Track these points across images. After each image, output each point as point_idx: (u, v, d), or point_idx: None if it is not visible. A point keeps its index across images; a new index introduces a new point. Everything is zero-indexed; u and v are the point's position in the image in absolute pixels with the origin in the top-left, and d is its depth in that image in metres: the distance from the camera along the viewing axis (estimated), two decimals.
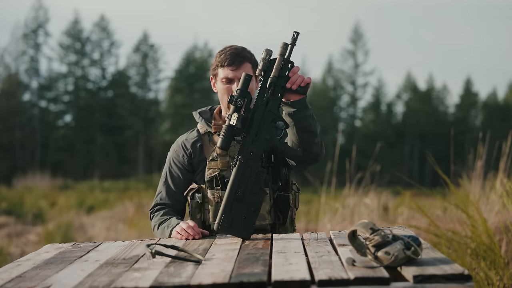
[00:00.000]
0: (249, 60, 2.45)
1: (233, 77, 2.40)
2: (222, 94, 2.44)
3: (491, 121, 39.99)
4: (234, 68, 2.40)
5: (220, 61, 2.42)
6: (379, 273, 1.46)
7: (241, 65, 2.41)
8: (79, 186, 21.22)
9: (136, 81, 40.26)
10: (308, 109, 2.24)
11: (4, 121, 34.22)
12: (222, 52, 2.45)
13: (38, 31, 38.23)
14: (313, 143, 2.28)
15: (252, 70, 2.44)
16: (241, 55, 2.42)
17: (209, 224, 2.40)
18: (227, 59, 2.41)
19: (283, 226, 2.42)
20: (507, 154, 4.87)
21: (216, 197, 2.36)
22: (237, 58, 2.41)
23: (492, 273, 3.38)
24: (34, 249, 5.66)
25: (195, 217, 2.42)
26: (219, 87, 2.45)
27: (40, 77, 38.29)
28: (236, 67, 2.40)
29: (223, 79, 2.42)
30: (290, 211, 2.43)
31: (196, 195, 2.42)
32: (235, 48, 2.45)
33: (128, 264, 1.74)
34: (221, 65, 2.42)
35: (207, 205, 2.40)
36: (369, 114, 43.09)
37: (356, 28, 41.68)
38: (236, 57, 2.41)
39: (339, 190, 6.81)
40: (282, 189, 2.41)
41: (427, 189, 4.67)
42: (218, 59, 2.44)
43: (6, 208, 12.18)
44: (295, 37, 2.16)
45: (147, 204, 11.76)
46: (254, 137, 2.15)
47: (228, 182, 2.21)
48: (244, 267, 1.59)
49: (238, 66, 2.40)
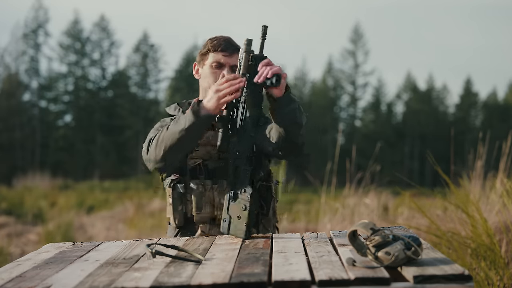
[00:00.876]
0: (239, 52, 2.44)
1: (224, 62, 2.39)
2: (207, 78, 2.41)
3: (491, 121, 40.00)
4: (227, 54, 2.39)
5: (213, 46, 2.41)
6: (380, 273, 1.46)
7: (233, 53, 2.40)
8: (79, 186, 21.23)
9: (136, 81, 40.30)
10: (292, 102, 2.15)
11: (4, 121, 34.24)
12: (214, 38, 2.44)
13: (38, 31, 38.26)
14: (298, 134, 2.22)
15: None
16: (233, 44, 2.43)
17: (191, 215, 2.37)
18: (221, 44, 2.40)
19: (266, 217, 2.40)
20: (507, 154, 4.87)
21: (200, 186, 2.35)
22: (231, 46, 2.41)
23: (492, 273, 3.38)
24: (34, 249, 5.66)
25: (177, 208, 2.38)
26: (205, 72, 2.42)
27: (40, 77, 38.33)
28: (229, 54, 2.39)
29: (213, 63, 2.40)
30: (273, 201, 2.43)
31: (178, 185, 2.38)
32: (227, 37, 2.46)
33: (128, 264, 1.74)
34: (214, 50, 2.41)
35: (189, 196, 2.37)
36: (369, 114, 43.12)
37: (356, 28, 41.71)
38: (229, 45, 2.41)
39: (339, 190, 6.81)
40: (264, 179, 2.40)
41: (427, 189, 4.67)
42: (210, 44, 2.42)
43: (6, 208, 12.18)
44: (264, 31, 2.13)
45: (147, 204, 11.78)
46: (238, 136, 2.13)
47: (211, 171, 2.23)
48: (244, 267, 1.59)
49: (230, 53, 2.40)
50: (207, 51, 2.43)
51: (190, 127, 2.15)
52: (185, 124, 2.15)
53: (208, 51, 2.43)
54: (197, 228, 2.39)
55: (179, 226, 2.41)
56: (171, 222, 2.43)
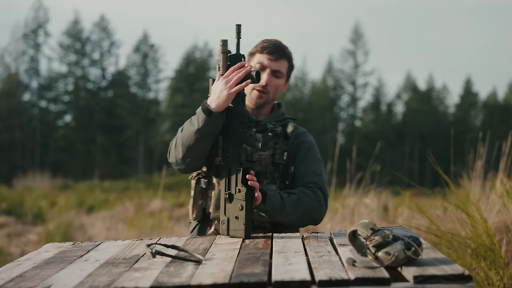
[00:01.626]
0: (288, 59, 2.45)
1: (267, 65, 2.40)
2: None
3: (491, 121, 40.01)
4: (272, 58, 2.40)
5: (262, 47, 2.42)
6: (380, 273, 1.46)
7: (280, 58, 2.41)
8: (79, 186, 21.21)
9: (136, 81, 40.28)
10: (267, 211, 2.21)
11: (4, 121, 34.23)
12: (265, 40, 2.45)
13: (38, 31, 38.25)
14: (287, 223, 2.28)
15: (287, 69, 2.46)
16: (283, 50, 2.43)
17: (209, 212, 2.37)
18: (268, 47, 2.41)
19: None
20: (507, 154, 4.87)
21: (220, 184, 2.33)
22: (279, 50, 2.41)
23: (492, 273, 3.38)
24: (34, 249, 5.66)
25: (197, 202, 2.38)
26: None
27: (40, 77, 38.32)
28: (275, 58, 2.40)
29: (257, 64, 2.41)
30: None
31: (202, 180, 2.38)
32: (278, 41, 2.46)
33: (129, 264, 1.74)
34: (260, 51, 2.41)
35: (210, 192, 2.37)
36: (369, 114, 43.11)
37: (356, 28, 41.70)
38: (278, 49, 2.41)
39: (339, 190, 6.80)
40: (289, 188, 2.38)
41: (427, 189, 4.66)
42: (260, 45, 2.43)
43: (6, 208, 12.17)
44: (238, 30, 2.11)
45: (147, 204, 11.77)
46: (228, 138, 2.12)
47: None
48: (244, 267, 1.59)
49: (276, 58, 2.40)
50: (255, 52, 2.44)
51: (203, 126, 2.13)
52: (198, 124, 2.14)
53: (255, 52, 2.44)
54: (211, 225, 2.38)
55: (196, 220, 2.41)
56: (189, 215, 2.42)
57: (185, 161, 2.24)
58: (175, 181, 20.57)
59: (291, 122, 2.50)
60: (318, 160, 2.43)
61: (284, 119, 2.49)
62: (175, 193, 15.94)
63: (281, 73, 2.44)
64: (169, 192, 16.27)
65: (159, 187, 9.71)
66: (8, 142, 34.07)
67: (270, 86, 2.42)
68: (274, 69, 2.41)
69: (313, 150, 2.44)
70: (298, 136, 2.45)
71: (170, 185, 17.82)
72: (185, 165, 2.26)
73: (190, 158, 2.23)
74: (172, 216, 9.61)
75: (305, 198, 2.27)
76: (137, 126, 37.82)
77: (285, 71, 2.45)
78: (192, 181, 2.41)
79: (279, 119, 2.48)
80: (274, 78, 2.43)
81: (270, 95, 2.43)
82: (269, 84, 2.41)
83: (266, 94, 2.42)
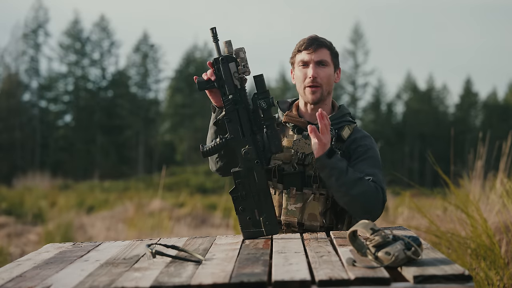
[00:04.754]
0: (328, 47, 2.40)
1: (308, 60, 2.36)
2: (297, 79, 2.40)
3: (491, 121, 39.99)
4: (310, 51, 2.36)
5: (298, 47, 2.40)
6: (380, 273, 1.46)
7: (318, 48, 2.36)
8: (79, 186, 21.22)
9: (136, 81, 40.28)
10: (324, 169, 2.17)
11: (4, 121, 34.22)
12: (300, 40, 2.43)
13: (38, 31, 38.25)
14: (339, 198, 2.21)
15: (330, 56, 2.39)
16: (319, 40, 2.39)
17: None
18: (304, 43, 2.38)
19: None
20: (507, 154, 4.87)
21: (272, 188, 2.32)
22: (314, 42, 2.37)
23: (492, 273, 3.38)
24: (34, 249, 5.66)
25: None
26: (296, 74, 2.41)
27: (40, 77, 38.31)
28: (313, 49, 2.36)
29: (299, 63, 2.38)
30: (348, 216, 2.33)
31: None
32: (314, 35, 2.43)
33: (129, 264, 1.74)
34: (298, 51, 2.39)
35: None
36: (369, 114, 43.10)
37: (356, 28, 41.70)
38: (313, 41, 2.38)
39: None
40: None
41: (427, 189, 4.66)
42: (296, 47, 2.42)
43: (6, 208, 12.16)
44: (214, 33, 2.12)
45: (147, 204, 11.76)
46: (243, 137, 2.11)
47: (285, 175, 2.28)
48: (245, 267, 1.59)
49: (314, 49, 2.36)
50: (295, 55, 2.43)
51: (211, 122, 2.29)
52: (210, 123, 2.29)
53: (295, 55, 2.42)
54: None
55: None
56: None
57: (215, 162, 2.36)
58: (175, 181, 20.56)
59: (350, 125, 2.40)
60: (374, 162, 2.31)
61: (341, 122, 2.40)
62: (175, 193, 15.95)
63: (325, 61, 2.37)
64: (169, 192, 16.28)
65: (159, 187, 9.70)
66: (8, 142, 34.07)
67: (319, 78, 2.35)
68: (316, 60, 2.35)
69: (369, 153, 2.32)
70: (354, 141, 2.35)
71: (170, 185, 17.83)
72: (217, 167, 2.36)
73: (216, 159, 2.34)
74: (172, 216, 9.61)
75: (367, 182, 2.19)
76: (137, 126, 37.81)
77: (329, 59, 2.38)
78: None
79: (336, 122, 2.39)
80: (321, 68, 2.37)
81: (324, 87, 2.37)
82: (318, 76, 2.35)
83: (319, 87, 2.36)
